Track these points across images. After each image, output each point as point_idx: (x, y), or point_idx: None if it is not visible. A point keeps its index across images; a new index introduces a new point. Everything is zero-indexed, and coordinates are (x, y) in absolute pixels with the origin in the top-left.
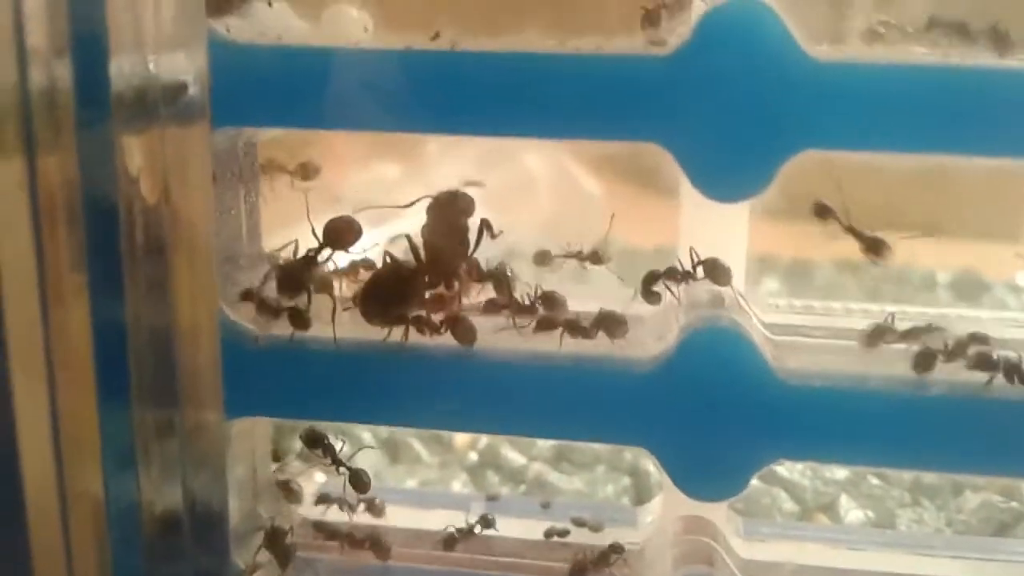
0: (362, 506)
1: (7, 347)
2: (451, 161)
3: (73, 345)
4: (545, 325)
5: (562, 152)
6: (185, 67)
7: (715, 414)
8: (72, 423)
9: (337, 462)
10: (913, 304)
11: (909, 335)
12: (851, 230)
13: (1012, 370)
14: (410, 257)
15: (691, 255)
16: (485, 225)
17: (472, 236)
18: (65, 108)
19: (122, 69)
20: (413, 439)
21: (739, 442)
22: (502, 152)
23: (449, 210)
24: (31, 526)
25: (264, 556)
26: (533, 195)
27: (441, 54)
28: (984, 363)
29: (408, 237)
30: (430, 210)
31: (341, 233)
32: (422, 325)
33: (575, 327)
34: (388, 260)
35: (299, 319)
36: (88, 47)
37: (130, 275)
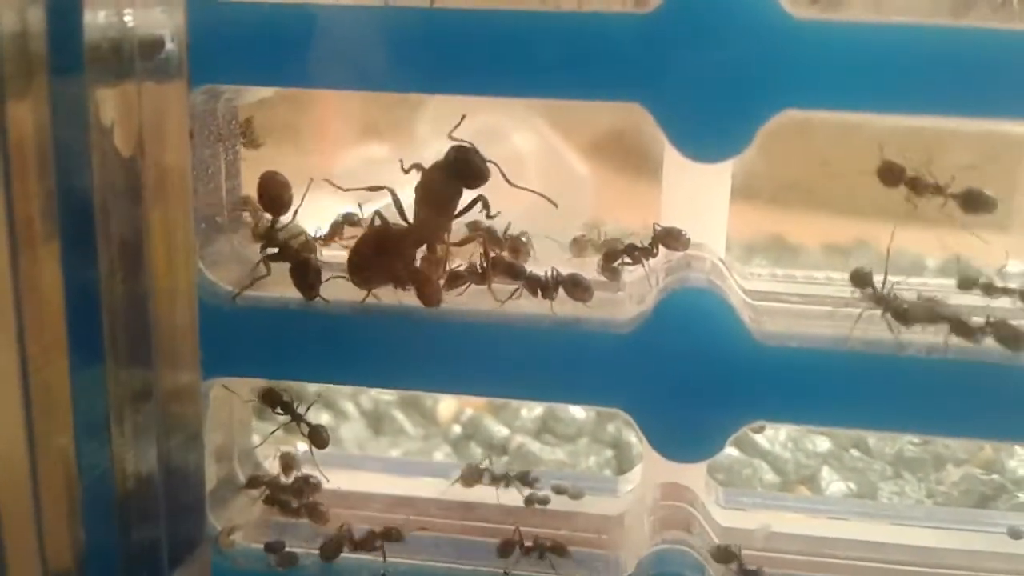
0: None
1: None
2: (440, 141)
3: (44, 300)
4: (504, 275)
5: (551, 133)
6: (163, 22)
7: (692, 375)
8: (43, 383)
9: (297, 417)
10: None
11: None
12: (938, 187)
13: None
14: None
15: (653, 228)
16: (483, 203)
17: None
18: (37, 54)
19: (97, 20)
20: (396, 411)
21: (715, 403)
22: (491, 133)
23: (453, 172)
24: (0, 489)
25: (242, 518)
26: (521, 176)
27: (421, 11)
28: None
29: (392, 193)
30: (433, 168)
31: (278, 192)
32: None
33: (536, 284)
34: (377, 221)
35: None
36: None
37: (103, 230)
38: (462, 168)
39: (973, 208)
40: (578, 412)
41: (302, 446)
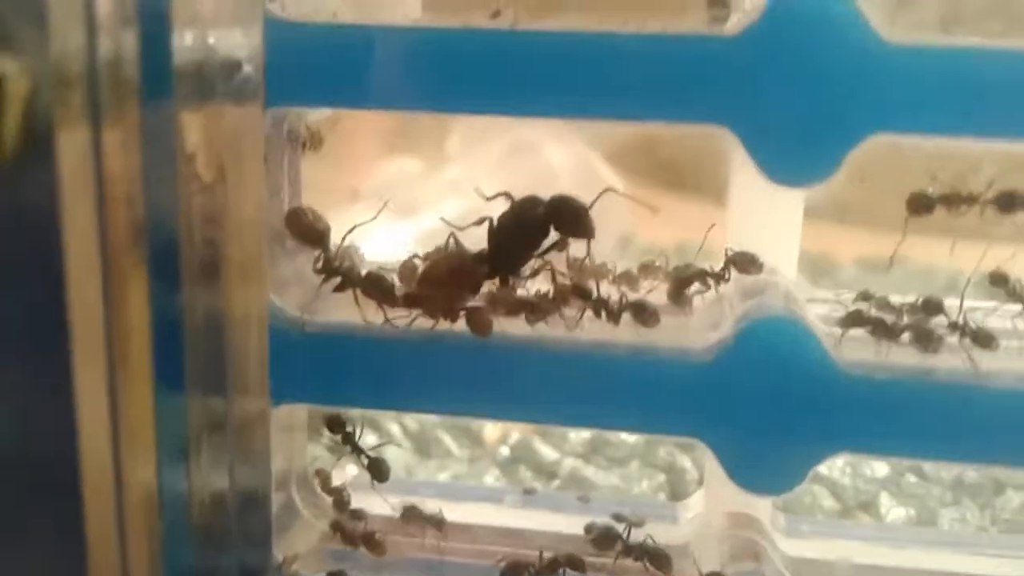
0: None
1: (70, 325)
2: (473, 156)
3: (132, 328)
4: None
5: (584, 147)
6: (241, 44)
7: (774, 405)
8: (129, 411)
9: (357, 450)
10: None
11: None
12: (971, 197)
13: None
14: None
15: (725, 253)
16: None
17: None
18: (130, 79)
19: (184, 42)
20: (443, 433)
21: (798, 434)
22: (525, 147)
23: (554, 220)
24: (87, 514)
25: (303, 546)
26: (555, 190)
27: (501, 33)
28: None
29: (491, 221)
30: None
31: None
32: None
33: (601, 308)
34: (452, 245)
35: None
36: (152, 19)
37: (186, 257)
38: (568, 222)
39: (1009, 208)
40: (628, 436)
41: (351, 469)
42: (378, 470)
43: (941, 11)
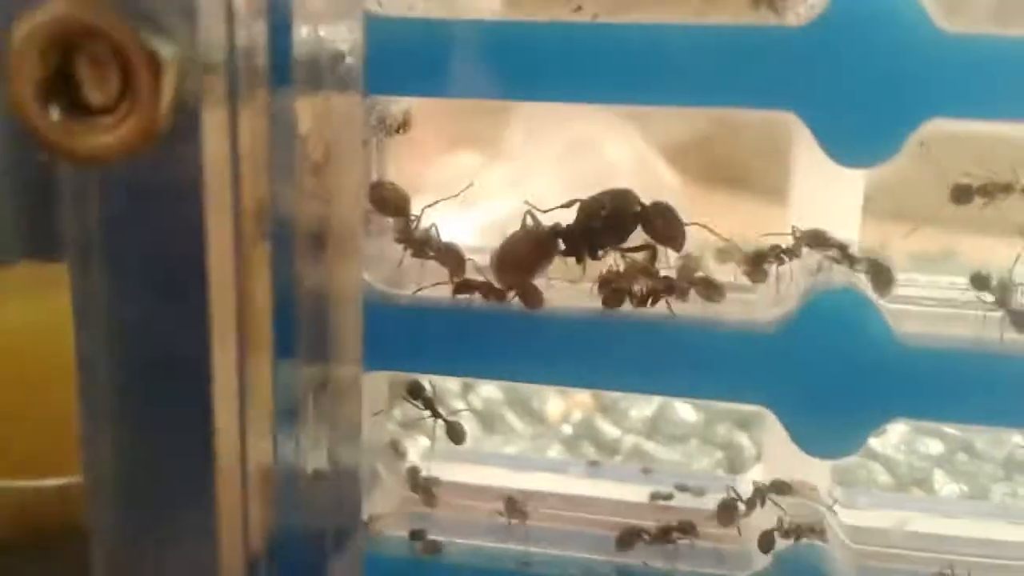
0: None
1: (209, 294)
2: (533, 152)
3: (257, 300)
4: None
5: (642, 144)
6: (345, 38)
7: (836, 374)
8: (252, 379)
9: (436, 413)
10: None
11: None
12: (1008, 185)
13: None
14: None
15: (793, 232)
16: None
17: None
18: (260, 67)
19: (301, 35)
20: (507, 411)
21: (858, 402)
22: (585, 143)
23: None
24: (218, 484)
25: (385, 507)
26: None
27: (584, 26)
28: None
29: (531, 210)
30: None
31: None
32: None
33: (671, 287)
34: (528, 222)
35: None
36: (277, 13)
37: (299, 234)
38: (661, 230)
39: None
40: (688, 413)
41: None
42: (456, 433)
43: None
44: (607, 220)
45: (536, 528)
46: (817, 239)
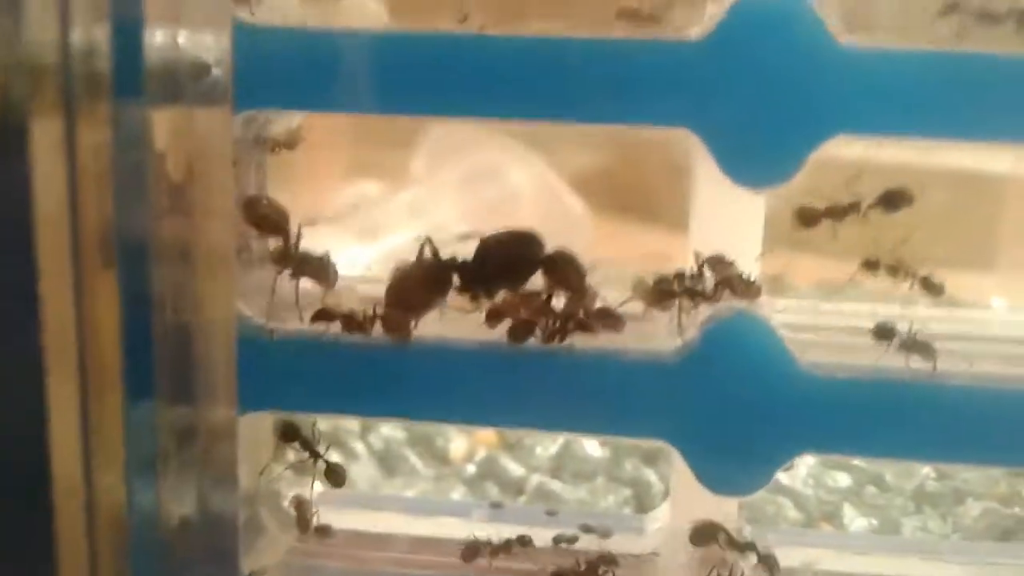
0: None
1: (42, 327)
2: (435, 179)
3: (102, 331)
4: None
5: (547, 171)
6: (210, 47)
7: (740, 406)
8: (98, 419)
9: (314, 454)
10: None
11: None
12: (854, 204)
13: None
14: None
15: (695, 258)
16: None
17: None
18: (102, 74)
19: (155, 40)
20: (408, 451)
21: (765, 435)
22: (488, 171)
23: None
24: (58, 528)
25: (269, 559)
26: (518, 213)
27: (470, 37)
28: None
29: (429, 240)
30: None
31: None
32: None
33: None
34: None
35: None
36: (124, 15)
37: (156, 260)
38: (563, 279)
39: (894, 206)
40: (594, 450)
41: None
42: (335, 476)
43: (894, 15)
44: (507, 261)
45: None
46: (719, 264)
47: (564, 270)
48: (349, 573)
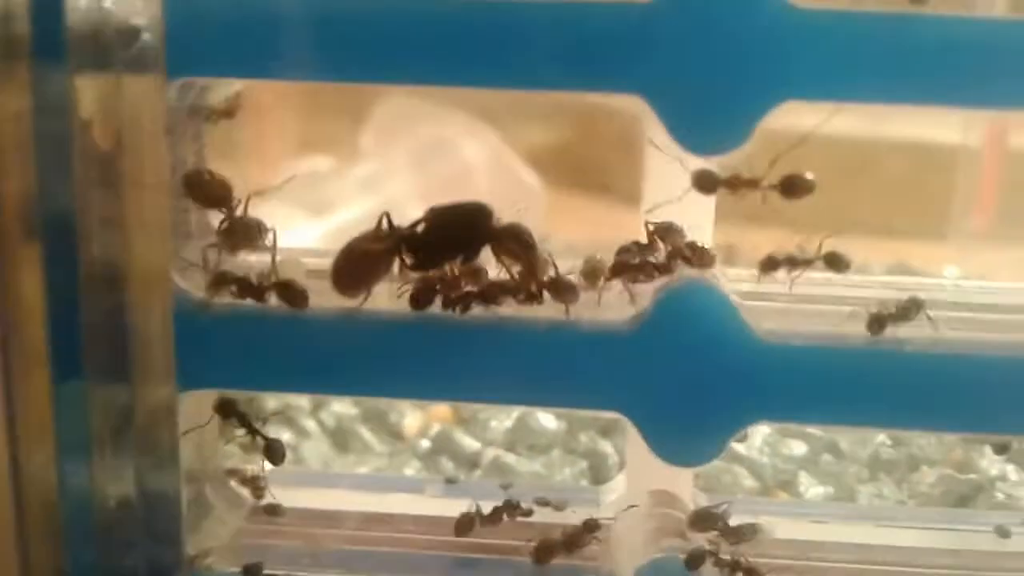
0: None
1: None
2: (387, 153)
3: (26, 308)
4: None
5: (501, 144)
6: (139, 9)
7: (694, 376)
8: (24, 398)
9: (253, 431)
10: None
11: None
12: (753, 181)
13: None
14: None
15: (645, 226)
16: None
17: None
18: (20, 37)
19: (78, 3)
20: (361, 428)
21: (719, 404)
22: (440, 145)
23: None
24: None
25: (216, 540)
26: (472, 186)
27: (415, 1)
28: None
29: (387, 214)
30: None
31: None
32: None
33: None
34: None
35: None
36: None
37: (82, 232)
38: (512, 250)
39: (794, 193)
40: (549, 423)
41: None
42: (273, 452)
43: None
44: (455, 233)
45: (391, 554)
46: (668, 230)
47: (514, 244)
48: (300, 551)
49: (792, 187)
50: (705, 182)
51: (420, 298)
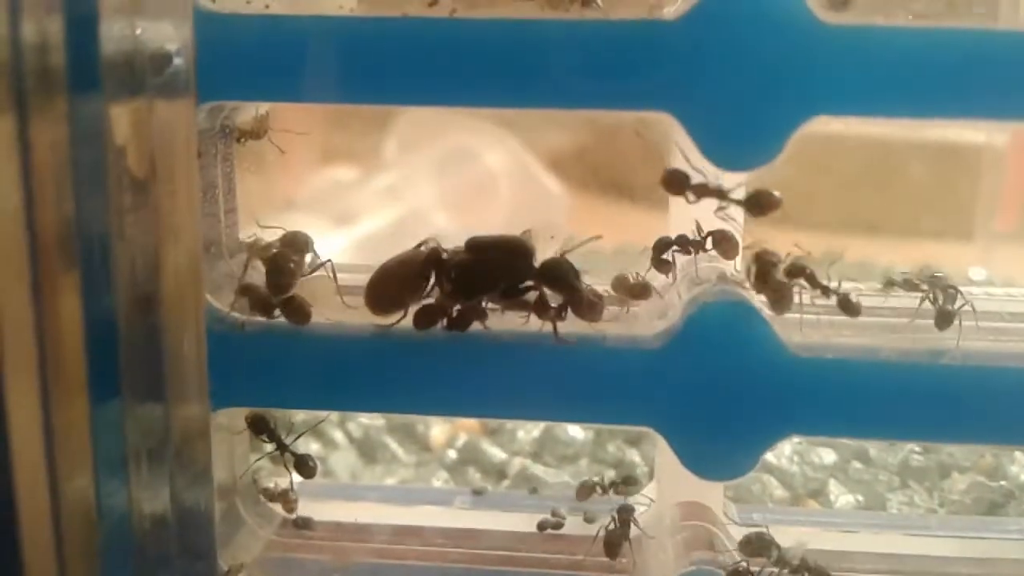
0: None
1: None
2: (410, 162)
3: (64, 333)
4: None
5: (522, 152)
6: (171, 36)
7: (725, 390)
8: (63, 421)
9: (282, 447)
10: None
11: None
12: (721, 192)
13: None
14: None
15: (697, 227)
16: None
17: None
18: (56, 69)
19: (112, 32)
20: (388, 438)
21: (750, 419)
22: (463, 153)
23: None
24: (23, 532)
25: (248, 555)
26: (494, 194)
27: (440, 22)
28: None
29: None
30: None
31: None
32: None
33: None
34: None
35: (298, 312)
36: (79, 6)
37: (118, 258)
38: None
39: (759, 210)
40: (577, 432)
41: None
42: (304, 467)
43: None
44: (497, 268)
45: (420, 568)
46: (723, 238)
47: (556, 284)
48: (330, 565)
49: (758, 204)
50: (673, 182)
51: (422, 319)
